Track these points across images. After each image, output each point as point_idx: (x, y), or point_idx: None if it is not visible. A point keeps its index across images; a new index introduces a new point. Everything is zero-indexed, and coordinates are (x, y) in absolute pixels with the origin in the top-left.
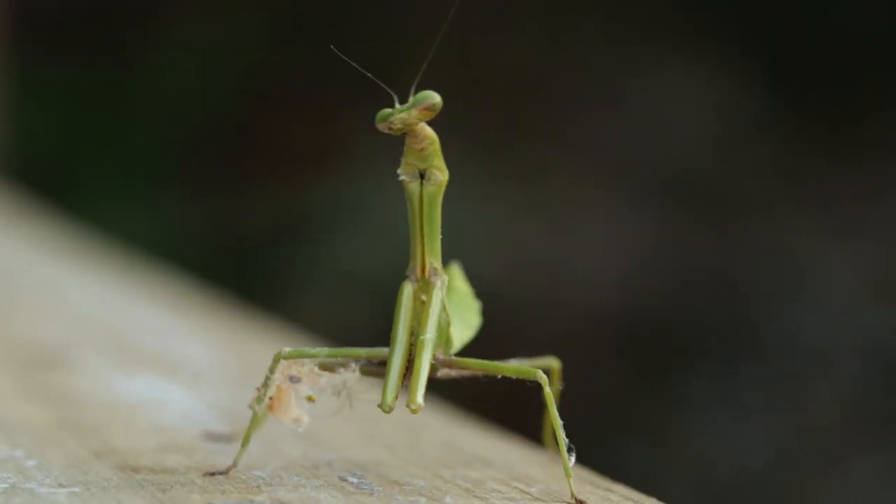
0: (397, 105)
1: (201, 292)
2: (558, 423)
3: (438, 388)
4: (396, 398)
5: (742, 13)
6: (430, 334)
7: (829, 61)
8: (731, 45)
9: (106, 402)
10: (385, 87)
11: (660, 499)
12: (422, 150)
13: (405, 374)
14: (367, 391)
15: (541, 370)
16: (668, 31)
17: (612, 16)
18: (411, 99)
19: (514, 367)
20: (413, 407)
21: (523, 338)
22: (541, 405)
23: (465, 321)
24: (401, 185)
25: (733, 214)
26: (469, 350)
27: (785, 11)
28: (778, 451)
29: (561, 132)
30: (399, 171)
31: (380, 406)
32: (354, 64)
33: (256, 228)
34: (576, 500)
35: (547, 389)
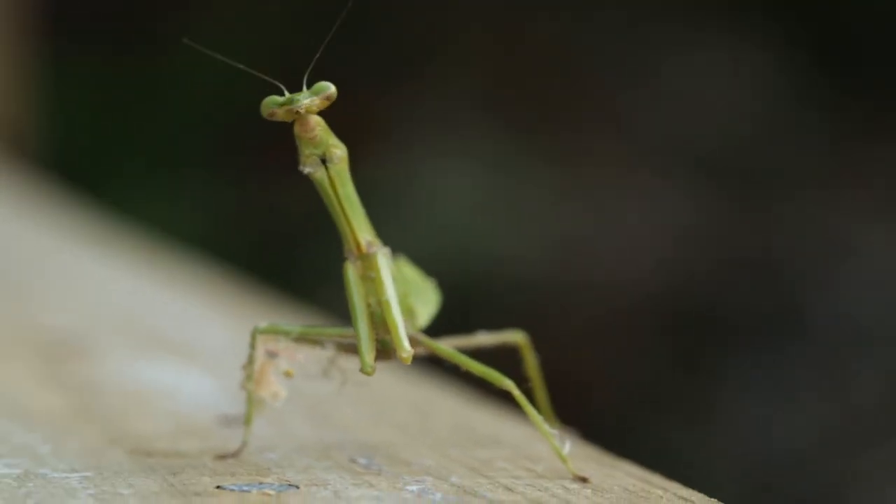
0: (288, 93)
1: (229, 281)
2: (538, 418)
3: (450, 369)
4: (375, 359)
5: None
6: (388, 294)
7: (870, 38)
8: (769, 23)
9: (124, 389)
10: (271, 79)
11: (702, 480)
12: (313, 136)
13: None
14: (355, 370)
15: (507, 379)
16: (705, 9)
17: None
18: (310, 88)
19: (482, 367)
20: (404, 356)
21: (561, 319)
22: (552, 381)
23: (424, 299)
24: (310, 180)
25: (773, 193)
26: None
27: None
28: (821, 432)
29: (597, 113)
30: (301, 168)
31: (361, 370)
32: (221, 57)
33: (289, 217)
34: (576, 477)
35: (516, 393)
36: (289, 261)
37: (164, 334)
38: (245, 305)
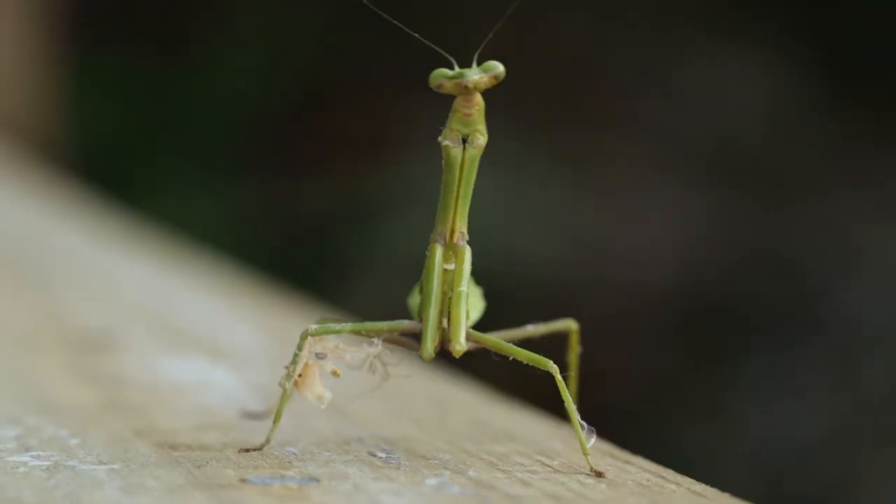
0: (458, 68)
1: (254, 278)
2: (572, 407)
3: (467, 365)
4: (436, 348)
5: None
6: (464, 287)
7: (881, 42)
8: (782, 28)
9: (151, 384)
10: (444, 53)
11: (715, 475)
12: (469, 114)
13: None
14: (398, 363)
15: (551, 361)
16: (721, 15)
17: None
18: (479, 65)
19: (527, 353)
20: (458, 348)
21: (580, 318)
22: (576, 380)
23: (474, 303)
24: (442, 151)
25: (787, 194)
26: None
27: None
28: (834, 430)
29: (616, 115)
30: (442, 137)
31: (420, 356)
32: (407, 29)
33: (314, 215)
34: (594, 472)
35: (558, 377)
36: (312, 259)
37: (190, 331)
38: (269, 303)
